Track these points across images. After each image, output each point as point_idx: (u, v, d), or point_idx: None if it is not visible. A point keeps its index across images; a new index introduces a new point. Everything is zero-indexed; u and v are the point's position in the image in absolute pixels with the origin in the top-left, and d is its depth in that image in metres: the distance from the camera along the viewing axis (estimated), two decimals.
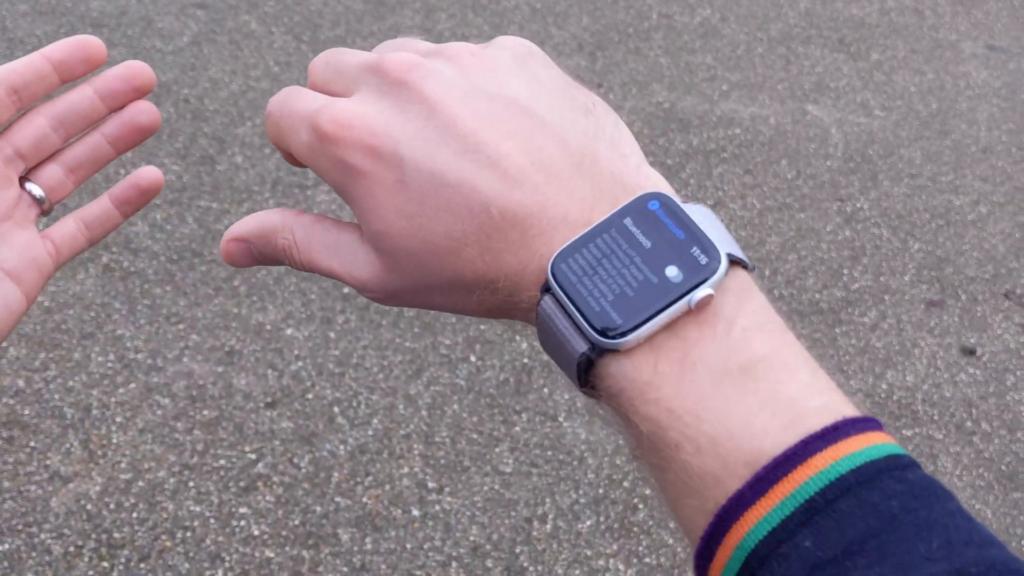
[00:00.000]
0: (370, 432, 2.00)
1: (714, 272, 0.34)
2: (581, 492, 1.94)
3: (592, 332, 0.34)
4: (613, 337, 0.34)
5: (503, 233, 0.36)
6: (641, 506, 1.92)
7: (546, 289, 0.36)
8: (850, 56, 3.79)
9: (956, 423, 2.20)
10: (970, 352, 2.40)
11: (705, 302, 0.34)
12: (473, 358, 2.20)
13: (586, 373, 0.36)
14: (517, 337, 2.26)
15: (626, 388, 0.34)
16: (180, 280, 2.32)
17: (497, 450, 2.00)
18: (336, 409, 2.04)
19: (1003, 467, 2.11)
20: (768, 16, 4.04)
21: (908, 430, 2.17)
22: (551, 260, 0.35)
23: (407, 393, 2.10)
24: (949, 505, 0.31)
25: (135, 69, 0.49)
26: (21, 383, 2.02)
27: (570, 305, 0.35)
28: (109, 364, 2.08)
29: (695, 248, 0.35)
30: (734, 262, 0.35)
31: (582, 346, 0.35)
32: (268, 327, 2.22)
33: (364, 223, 0.38)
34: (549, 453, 2.01)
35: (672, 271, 0.34)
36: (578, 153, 0.37)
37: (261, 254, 0.42)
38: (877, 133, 3.28)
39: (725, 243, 0.35)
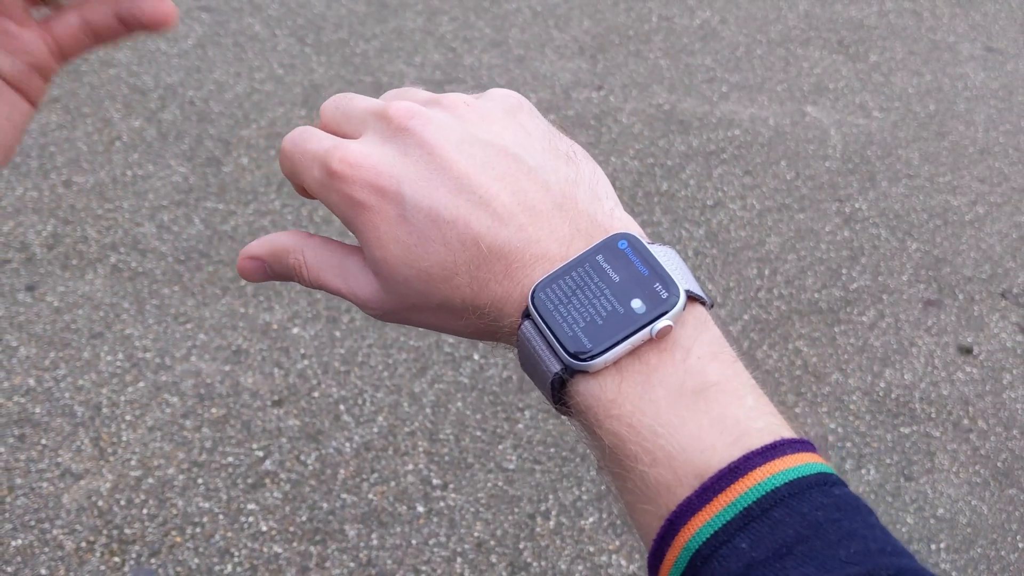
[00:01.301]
0: (375, 429, 2.03)
1: (673, 306, 0.39)
2: (584, 488, 1.97)
3: (565, 355, 0.39)
4: (583, 360, 0.38)
5: (490, 264, 0.41)
6: None
7: (526, 315, 0.40)
8: (849, 58, 3.82)
9: (953, 421, 2.23)
10: (967, 351, 2.43)
11: (665, 332, 0.38)
12: (476, 356, 2.23)
13: (559, 391, 0.40)
14: None
15: (593, 405, 0.39)
16: (188, 280, 2.35)
17: (501, 447, 2.03)
18: (342, 407, 2.07)
19: (999, 464, 2.14)
20: (767, 18, 4.07)
21: (906, 428, 2.20)
22: (532, 289, 0.40)
23: (411, 391, 2.13)
24: (869, 519, 0.36)
25: None
26: (32, 382, 2.05)
27: (546, 330, 0.39)
28: (118, 363, 2.11)
29: (657, 284, 0.39)
30: (692, 298, 0.40)
31: (556, 366, 0.39)
32: (275, 326, 2.25)
33: (367, 250, 0.43)
34: (552, 450, 2.04)
35: (637, 303, 0.39)
36: (559, 196, 0.42)
37: (274, 271, 0.47)
38: (875, 134, 3.31)
39: (685, 281, 0.40)
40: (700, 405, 0.37)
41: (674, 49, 3.73)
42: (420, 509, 1.89)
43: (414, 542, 1.82)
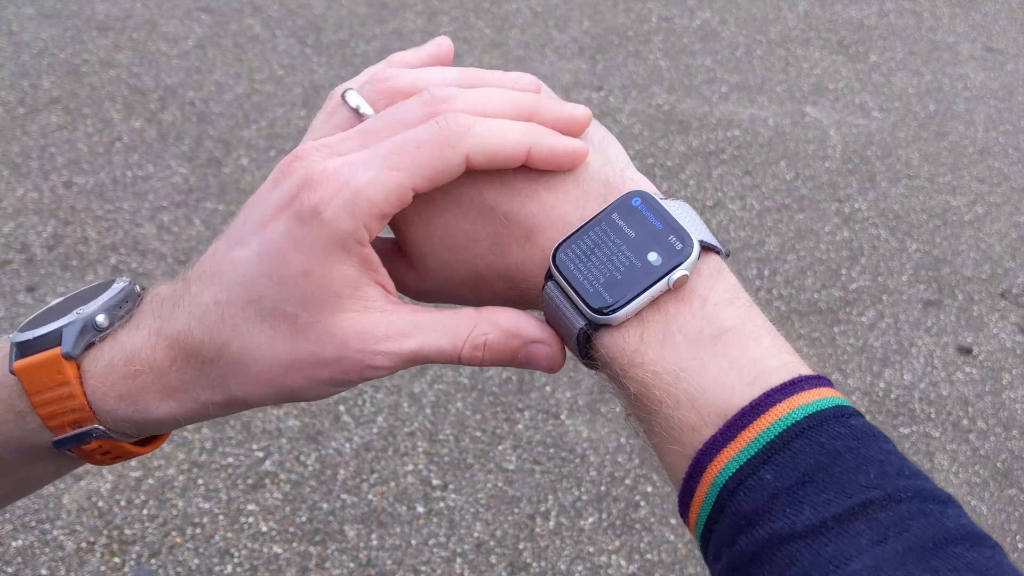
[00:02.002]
0: (375, 430, 2.04)
1: (688, 256, 0.40)
2: (583, 489, 1.97)
3: (588, 310, 0.41)
4: (606, 314, 0.40)
5: (509, 231, 0.43)
6: (643, 503, 1.96)
7: (549, 276, 0.42)
8: (848, 58, 3.82)
9: (952, 421, 2.24)
10: (967, 351, 2.44)
11: (681, 282, 0.40)
12: None
13: (585, 345, 0.42)
14: None
15: (617, 356, 0.41)
16: None
17: (500, 448, 2.03)
18: (342, 407, 2.07)
19: (998, 464, 2.15)
20: (767, 18, 4.08)
21: (905, 428, 2.20)
22: (552, 251, 0.42)
23: (411, 391, 2.13)
24: (885, 446, 0.38)
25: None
26: None
27: (569, 288, 0.41)
28: None
29: (672, 236, 0.41)
30: (707, 248, 0.42)
31: (580, 323, 0.41)
32: None
33: (395, 233, 0.46)
34: (552, 451, 2.04)
35: (653, 256, 0.41)
36: None
37: None
38: (875, 134, 3.32)
39: (699, 232, 0.41)
40: (719, 348, 0.39)
41: (674, 50, 3.73)
42: (420, 510, 1.89)
43: (414, 542, 1.83)
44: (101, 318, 0.43)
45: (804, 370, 0.39)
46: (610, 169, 0.44)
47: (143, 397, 0.42)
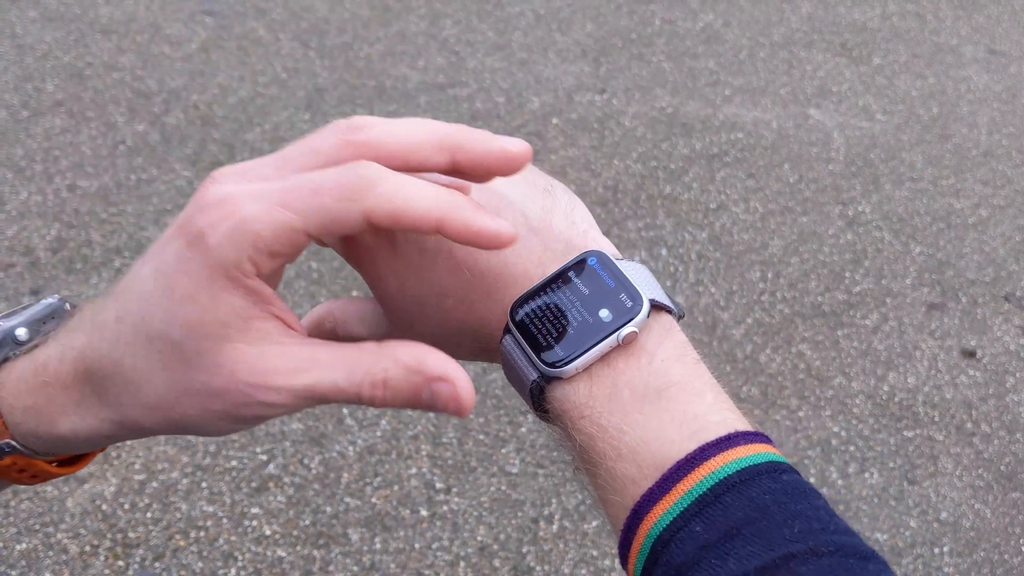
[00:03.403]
0: (378, 433, 2.04)
1: (637, 314, 0.42)
2: (587, 493, 1.97)
3: (540, 364, 0.42)
4: (557, 367, 0.42)
5: (475, 287, 0.44)
6: None
7: (507, 330, 0.44)
8: (852, 60, 3.82)
9: (956, 424, 2.23)
10: (970, 354, 2.43)
11: (630, 338, 0.42)
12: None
13: (538, 398, 0.43)
14: None
15: (568, 409, 0.42)
16: None
17: (504, 451, 2.03)
18: (345, 411, 2.07)
19: (1002, 467, 2.14)
20: (770, 21, 4.08)
21: (909, 431, 2.20)
22: (511, 306, 0.43)
23: None
24: (815, 502, 0.39)
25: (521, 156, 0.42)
26: None
27: (524, 342, 0.43)
28: None
29: (623, 295, 0.43)
30: (659, 308, 0.43)
31: (533, 375, 0.43)
32: None
33: (372, 288, 0.46)
34: (555, 454, 2.04)
35: (604, 313, 0.42)
36: (536, 222, 0.45)
37: (320, 334, 0.50)
38: (879, 137, 3.31)
39: (650, 291, 0.43)
40: (662, 403, 0.41)
41: (677, 52, 3.73)
42: (423, 513, 1.89)
43: (417, 546, 1.83)
44: (21, 332, 0.42)
45: (742, 426, 0.41)
46: (574, 231, 0.46)
47: (48, 410, 0.41)
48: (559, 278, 0.44)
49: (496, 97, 3.28)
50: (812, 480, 2.06)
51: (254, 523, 1.83)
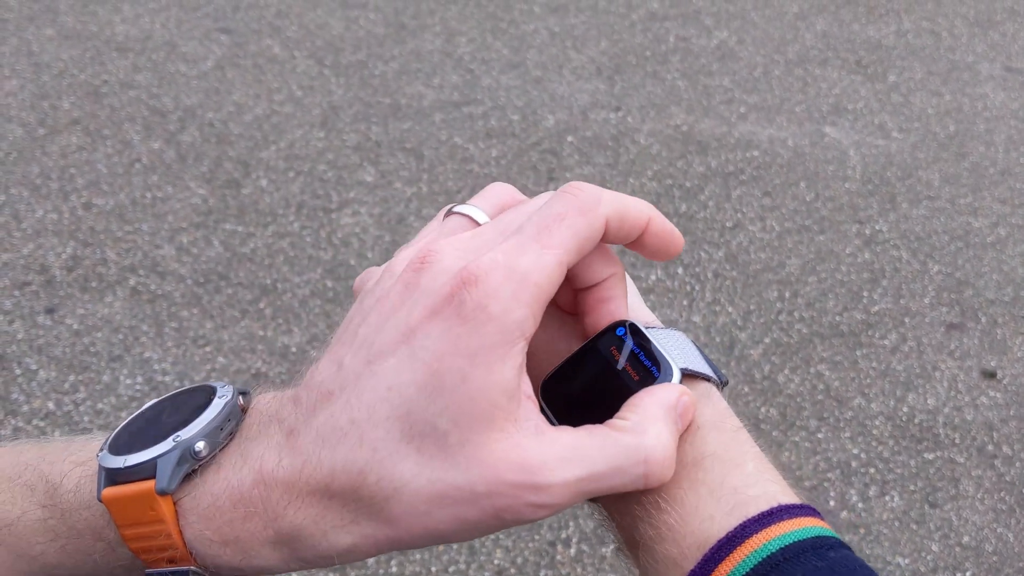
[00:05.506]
0: None
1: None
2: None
3: None
4: None
5: None
6: None
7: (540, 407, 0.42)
8: (867, 78, 3.81)
9: (977, 446, 2.21)
10: (991, 375, 2.41)
11: None
12: None
13: None
14: None
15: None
16: (207, 303, 2.35)
17: None
18: None
19: None
20: (785, 38, 4.07)
21: (929, 453, 2.17)
22: (541, 383, 0.43)
23: None
24: None
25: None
26: (51, 405, 2.05)
27: (554, 420, 0.42)
28: (137, 386, 2.11)
29: (652, 365, 0.42)
30: (692, 376, 0.42)
31: None
32: (294, 349, 2.24)
33: None
34: None
35: (634, 384, 0.41)
36: None
37: None
38: (895, 155, 3.30)
39: (684, 361, 0.42)
40: (699, 475, 0.39)
41: (691, 70, 3.73)
42: None
43: (434, 569, 1.81)
44: (200, 446, 0.38)
45: (785, 498, 0.39)
46: None
47: (253, 543, 0.37)
48: (587, 352, 0.43)
49: (511, 115, 3.28)
50: (831, 503, 2.03)
51: None
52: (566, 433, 0.38)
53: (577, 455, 0.37)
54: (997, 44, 4.20)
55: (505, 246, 0.38)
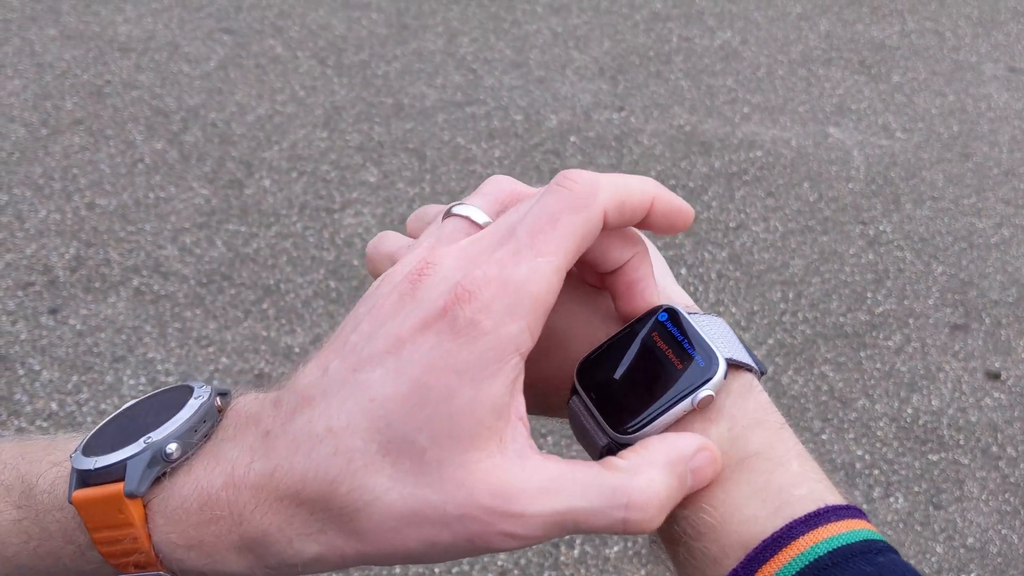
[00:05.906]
0: None
1: (712, 375, 0.39)
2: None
3: (609, 428, 0.40)
4: (628, 432, 0.39)
5: (539, 348, 0.39)
6: None
7: (574, 391, 0.41)
8: (871, 78, 3.80)
9: (982, 448, 2.20)
10: (995, 376, 2.40)
11: (706, 402, 0.39)
12: None
13: None
14: None
15: None
16: (210, 303, 2.35)
17: None
18: None
19: None
20: (788, 39, 4.06)
21: (934, 455, 2.17)
22: (577, 366, 0.41)
23: None
24: None
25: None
26: (54, 406, 2.05)
27: (591, 405, 0.40)
28: (140, 387, 2.11)
29: (697, 354, 0.40)
30: (736, 366, 0.40)
31: (603, 440, 0.40)
32: (297, 350, 2.24)
33: None
34: None
35: (677, 374, 0.39)
36: None
37: None
38: (899, 155, 3.29)
39: (728, 350, 0.40)
40: (743, 475, 0.38)
41: (695, 70, 3.72)
42: None
43: (437, 570, 1.81)
44: (172, 447, 0.37)
45: (832, 499, 0.38)
46: None
47: (218, 548, 0.36)
48: (627, 336, 0.41)
49: (514, 115, 3.28)
50: None
51: None
52: (552, 463, 0.36)
53: (557, 487, 0.35)
54: (1001, 44, 4.20)
55: (500, 256, 0.36)
